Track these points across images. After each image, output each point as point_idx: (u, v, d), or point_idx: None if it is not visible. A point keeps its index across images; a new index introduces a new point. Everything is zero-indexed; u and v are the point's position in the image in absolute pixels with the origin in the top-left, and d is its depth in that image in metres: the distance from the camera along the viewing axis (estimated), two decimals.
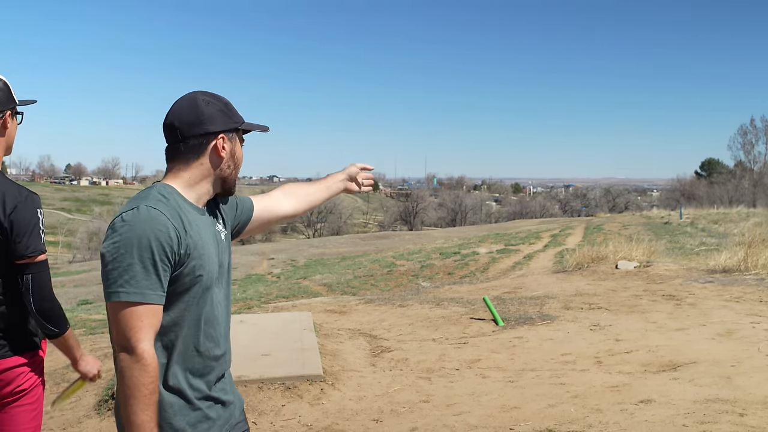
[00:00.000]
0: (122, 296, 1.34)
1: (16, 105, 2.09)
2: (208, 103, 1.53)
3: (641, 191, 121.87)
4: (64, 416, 4.15)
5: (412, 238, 29.83)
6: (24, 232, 1.97)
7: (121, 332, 1.34)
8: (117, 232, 1.37)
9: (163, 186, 1.50)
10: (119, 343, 1.34)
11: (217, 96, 1.57)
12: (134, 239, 1.35)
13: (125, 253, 1.34)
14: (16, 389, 2.01)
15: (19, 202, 1.98)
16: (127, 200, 1.51)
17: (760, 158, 58.89)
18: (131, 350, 1.33)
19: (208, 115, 1.51)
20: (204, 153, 1.52)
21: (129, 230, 1.36)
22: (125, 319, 1.33)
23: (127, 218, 1.38)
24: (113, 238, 1.37)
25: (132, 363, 1.32)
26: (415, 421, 3.83)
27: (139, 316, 1.34)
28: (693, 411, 3.63)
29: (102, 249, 1.38)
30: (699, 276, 8.67)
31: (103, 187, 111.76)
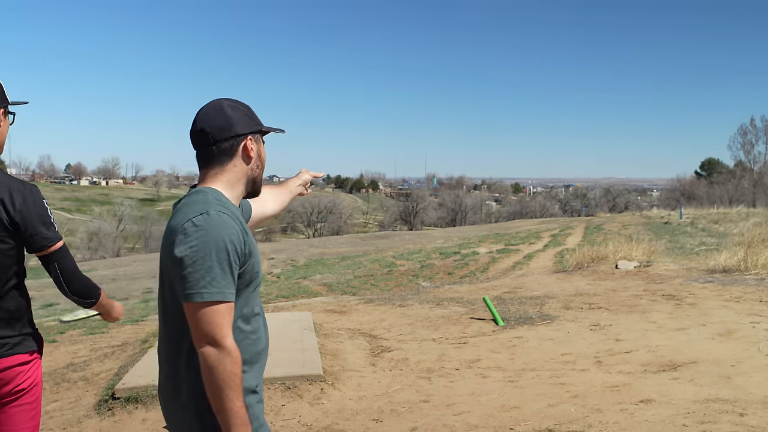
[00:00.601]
0: (206, 296, 1.43)
1: (9, 105, 2.10)
2: (233, 108, 1.63)
3: (641, 191, 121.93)
4: (64, 416, 4.15)
5: (412, 238, 29.83)
6: (38, 224, 2.00)
7: (205, 330, 1.43)
8: (192, 236, 1.46)
9: (213, 190, 1.59)
10: (205, 340, 1.43)
11: (239, 101, 1.68)
12: (211, 243, 1.45)
13: (204, 257, 1.44)
14: (15, 389, 2.01)
15: (25, 196, 2.00)
16: (179, 206, 1.58)
17: (760, 158, 58.85)
18: (220, 345, 1.43)
19: (236, 119, 1.62)
20: (236, 155, 1.62)
21: (205, 234, 1.45)
22: (209, 317, 1.43)
23: (199, 223, 1.47)
24: (190, 243, 1.45)
25: (223, 357, 1.42)
26: (415, 420, 3.83)
27: (222, 313, 1.44)
28: (693, 411, 3.63)
29: (178, 253, 1.45)
30: (699, 276, 8.67)
31: (103, 187, 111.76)
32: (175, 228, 1.50)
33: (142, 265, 23.78)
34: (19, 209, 1.97)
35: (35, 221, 1.99)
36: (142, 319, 7.57)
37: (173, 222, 1.52)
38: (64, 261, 2.06)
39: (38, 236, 1.99)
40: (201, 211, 1.49)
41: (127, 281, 18.72)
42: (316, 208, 72.48)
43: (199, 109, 1.64)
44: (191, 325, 1.45)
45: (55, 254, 2.04)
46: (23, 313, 2.06)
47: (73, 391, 4.61)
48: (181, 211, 1.53)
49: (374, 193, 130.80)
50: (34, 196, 2.01)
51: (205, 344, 1.43)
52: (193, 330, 1.45)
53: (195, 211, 1.49)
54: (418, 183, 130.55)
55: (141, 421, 3.97)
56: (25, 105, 2.17)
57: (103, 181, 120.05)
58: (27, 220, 1.98)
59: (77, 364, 5.28)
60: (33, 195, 2.01)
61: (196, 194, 1.57)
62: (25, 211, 1.98)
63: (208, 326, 1.43)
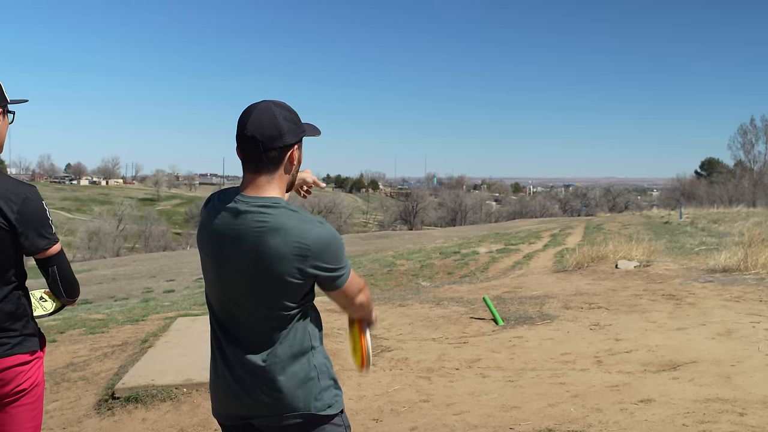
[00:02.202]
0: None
1: (8, 104, 2.10)
2: (285, 117, 1.68)
3: (641, 191, 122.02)
4: (64, 416, 4.15)
5: (412, 238, 29.84)
6: (39, 226, 2.00)
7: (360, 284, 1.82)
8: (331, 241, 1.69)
9: (282, 200, 1.69)
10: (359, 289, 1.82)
11: (288, 107, 1.72)
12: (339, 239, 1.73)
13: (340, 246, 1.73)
14: (16, 388, 2.01)
15: (25, 198, 1.99)
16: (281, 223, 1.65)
17: (760, 158, 58.88)
18: (365, 287, 1.85)
19: (286, 129, 1.67)
20: (282, 162, 1.69)
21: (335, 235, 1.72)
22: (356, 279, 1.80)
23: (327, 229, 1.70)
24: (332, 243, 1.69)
25: (368, 292, 1.87)
26: (415, 420, 3.83)
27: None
28: (693, 410, 3.63)
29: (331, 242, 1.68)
30: (699, 275, 8.67)
31: (103, 187, 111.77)
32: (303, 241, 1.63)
33: (141, 265, 23.79)
34: (18, 211, 1.96)
35: (34, 224, 1.99)
36: (142, 319, 7.56)
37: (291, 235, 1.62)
38: (62, 264, 2.08)
39: (36, 239, 1.99)
40: (314, 220, 1.67)
41: (127, 281, 18.72)
42: (316, 207, 72.51)
43: (248, 110, 1.67)
44: (349, 291, 1.77)
45: (54, 258, 2.05)
46: (23, 313, 2.06)
47: (73, 390, 4.61)
48: (290, 226, 1.63)
49: (374, 193, 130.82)
50: (32, 198, 2.00)
51: (360, 291, 1.82)
52: (353, 290, 1.78)
53: (311, 221, 1.66)
54: (418, 183, 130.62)
55: (141, 420, 3.97)
56: (25, 103, 2.17)
57: (103, 180, 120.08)
58: (25, 222, 1.97)
59: (77, 363, 5.28)
60: (32, 197, 2.00)
61: (281, 208, 1.66)
62: (24, 213, 1.97)
63: (359, 283, 1.81)
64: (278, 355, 1.69)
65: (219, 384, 1.78)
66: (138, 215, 73.39)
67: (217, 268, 1.72)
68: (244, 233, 1.64)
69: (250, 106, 1.70)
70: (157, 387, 4.23)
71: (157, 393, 4.18)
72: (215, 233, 1.69)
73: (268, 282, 1.64)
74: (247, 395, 1.72)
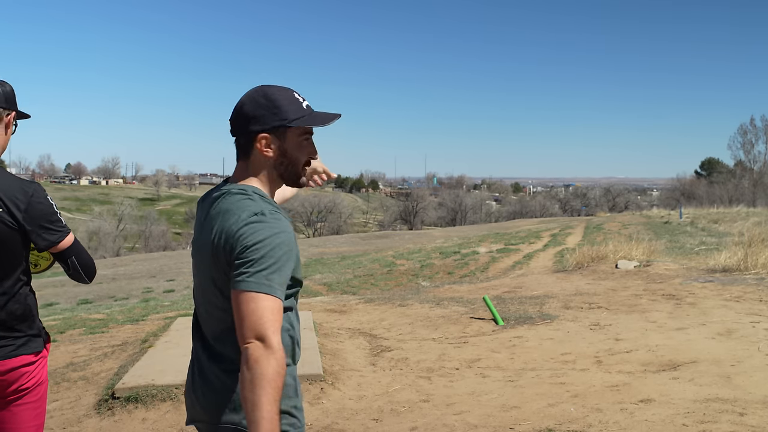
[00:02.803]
0: (262, 288, 1.40)
1: (17, 111, 2.13)
2: (256, 103, 1.56)
3: (641, 191, 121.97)
4: (64, 416, 4.15)
5: (412, 238, 29.83)
6: (46, 222, 2.02)
7: (255, 324, 1.37)
8: (259, 231, 1.45)
9: (253, 187, 1.57)
10: (253, 334, 1.36)
11: (270, 93, 1.57)
12: (277, 239, 1.46)
13: (272, 250, 1.45)
14: (20, 387, 2.02)
15: (31, 197, 2.01)
16: (225, 206, 1.53)
17: (760, 158, 58.88)
18: (268, 342, 1.35)
19: (253, 116, 1.56)
20: (251, 151, 1.58)
21: (272, 229, 1.47)
22: (261, 311, 1.37)
23: (265, 220, 1.48)
24: (257, 236, 1.45)
25: (269, 354, 1.34)
26: (415, 420, 3.83)
27: (273, 310, 1.38)
28: (693, 410, 3.63)
29: (246, 242, 1.43)
30: (699, 275, 8.67)
31: (103, 187, 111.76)
32: (229, 231, 1.46)
33: (141, 265, 23.78)
34: (25, 210, 1.98)
35: (42, 219, 2.01)
36: (142, 318, 7.56)
37: (225, 225, 1.47)
38: (81, 254, 2.10)
39: (47, 234, 2.02)
40: (256, 211, 1.47)
41: (127, 280, 18.72)
42: (316, 207, 72.50)
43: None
44: (238, 317, 1.38)
45: (70, 249, 2.08)
46: (30, 313, 2.07)
47: (73, 390, 4.61)
48: (230, 213, 1.49)
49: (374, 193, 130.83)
50: (37, 195, 2.03)
51: (251, 338, 1.34)
52: (240, 323, 1.38)
53: (250, 212, 1.47)
54: (418, 182, 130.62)
55: (141, 420, 3.97)
56: (25, 103, 2.19)
57: (103, 180, 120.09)
58: (34, 219, 2.00)
59: (77, 363, 5.28)
60: (37, 194, 2.03)
61: (237, 194, 1.54)
62: (31, 211, 1.99)
63: (258, 320, 1.35)
64: (234, 360, 1.48)
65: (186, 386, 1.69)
66: (138, 215, 73.39)
67: (195, 260, 1.63)
68: (207, 220, 1.56)
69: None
70: (157, 387, 4.23)
71: (157, 393, 4.18)
72: (196, 223, 1.65)
73: (216, 273, 1.51)
74: (196, 398, 1.60)
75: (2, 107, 2.04)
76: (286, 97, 1.58)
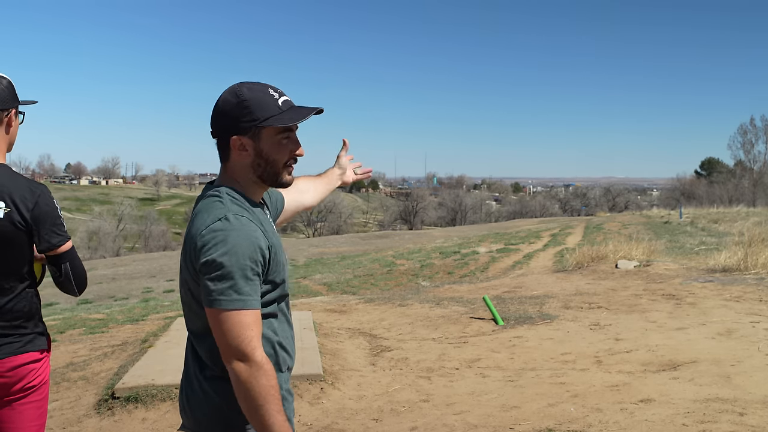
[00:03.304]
0: (227, 304, 1.37)
1: (19, 104, 2.12)
2: (225, 104, 1.51)
3: (641, 190, 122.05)
4: (64, 415, 4.15)
5: (412, 238, 29.82)
6: (51, 224, 2.04)
7: (233, 343, 1.34)
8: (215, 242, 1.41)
9: (227, 189, 1.52)
10: (233, 355, 1.34)
11: (241, 93, 1.51)
12: (236, 248, 1.41)
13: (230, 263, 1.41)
14: (25, 386, 2.04)
15: (39, 197, 2.03)
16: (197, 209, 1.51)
17: (759, 157, 58.92)
18: (250, 359, 1.34)
19: (225, 117, 1.51)
20: (230, 151, 1.53)
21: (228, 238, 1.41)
22: (236, 328, 1.34)
23: (220, 227, 1.43)
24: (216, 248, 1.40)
25: (255, 371, 1.33)
26: (414, 420, 3.83)
27: (248, 324, 1.35)
28: (693, 410, 3.63)
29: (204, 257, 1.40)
30: (699, 275, 8.67)
31: (103, 187, 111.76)
32: (194, 234, 1.43)
33: (141, 265, 23.78)
34: (32, 210, 2.01)
35: (47, 221, 2.03)
36: (142, 318, 7.57)
37: (192, 228, 1.46)
38: (75, 261, 2.10)
39: (50, 236, 2.03)
40: (219, 216, 1.42)
41: (127, 280, 18.72)
42: (316, 207, 72.41)
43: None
44: (216, 336, 1.36)
45: (66, 254, 2.08)
46: (35, 312, 2.10)
47: (73, 390, 4.61)
48: (199, 216, 1.46)
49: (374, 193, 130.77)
50: (45, 196, 2.05)
51: (233, 359, 1.33)
52: (220, 342, 1.36)
53: (214, 216, 1.42)
54: (418, 182, 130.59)
55: (141, 420, 3.97)
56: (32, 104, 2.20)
57: (103, 180, 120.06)
58: (38, 220, 2.02)
59: (77, 363, 5.28)
60: (44, 195, 2.05)
61: (210, 197, 1.51)
62: (37, 212, 2.01)
63: (236, 339, 1.32)
64: (212, 368, 1.46)
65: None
66: (138, 215, 73.39)
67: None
68: (190, 220, 1.53)
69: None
70: (157, 387, 4.23)
71: (157, 393, 4.18)
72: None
73: (187, 274, 1.48)
74: (183, 403, 1.56)
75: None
76: (257, 96, 1.51)
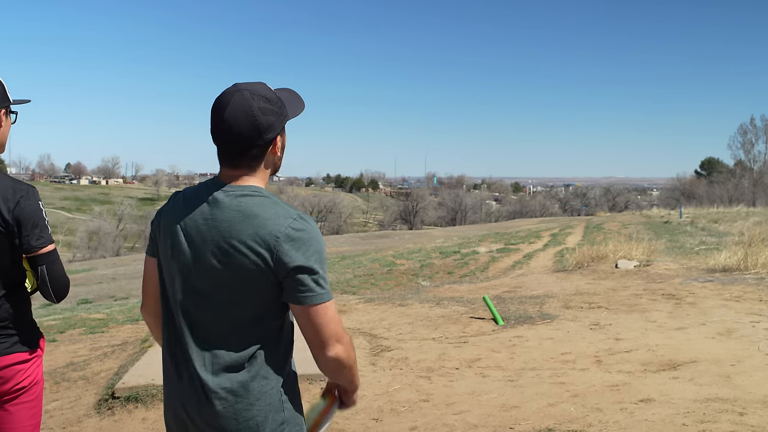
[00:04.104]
0: (327, 297, 1.51)
1: (11, 104, 2.10)
2: (264, 110, 1.49)
3: (641, 190, 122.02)
4: (64, 415, 4.15)
5: (412, 237, 29.83)
6: (32, 225, 2.00)
7: (336, 329, 1.51)
8: (306, 241, 1.49)
9: (262, 188, 1.54)
10: (335, 338, 1.51)
11: (268, 96, 1.52)
12: (320, 246, 1.53)
13: (322, 260, 1.53)
14: (14, 387, 2.02)
15: (21, 197, 1.99)
16: (244, 208, 1.49)
17: (760, 157, 58.92)
18: (346, 340, 1.53)
19: (267, 124, 1.49)
20: (264, 158, 1.54)
21: (315, 236, 1.52)
22: (334, 316, 1.51)
23: (304, 227, 1.51)
24: (307, 248, 1.49)
25: (351, 348, 1.55)
26: (414, 420, 3.83)
27: (336, 311, 1.54)
28: (693, 410, 3.63)
29: (301, 259, 1.46)
30: (699, 275, 8.67)
31: (103, 186, 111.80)
32: (271, 232, 1.45)
33: (141, 265, 23.70)
34: (12, 210, 1.97)
35: (28, 222, 1.99)
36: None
37: (263, 227, 1.45)
38: (54, 265, 2.04)
39: (30, 237, 1.99)
40: (293, 215, 1.48)
41: (127, 280, 18.73)
42: (316, 207, 72.53)
43: (222, 103, 1.49)
44: (315, 329, 1.47)
45: (44, 257, 2.02)
46: (23, 312, 2.07)
47: (73, 390, 4.61)
48: (260, 216, 1.46)
49: (374, 193, 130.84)
50: (30, 197, 2.01)
51: (335, 342, 1.49)
52: (320, 332, 1.48)
53: (287, 215, 1.47)
54: (418, 182, 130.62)
55: (141, 420, 3.97)
56: (26, 104, 2.17)
57: (103, 180, 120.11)
58: (19, 221, 1.98)
59: (77, 363, 5.28)
60: (29, 196, 2.01)
61: (258, 196, 1.50)
62: (20, 212, 1.98)
63: (337, 325, 1.49)
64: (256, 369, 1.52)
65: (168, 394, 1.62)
66: (138, 215, 73.39)
67: (183, 263, 1.53)
68: (216, 223, 1.48)
69: (223, 95, 1.50)
70: (157, 386, 4.23)
71: (157, 392, 4.18)
72: (185, 226, 1.53)
73: (234, 277, 1.47)
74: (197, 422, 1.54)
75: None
76: (275, 94, 1.56)
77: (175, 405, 1.58)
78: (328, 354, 1.49)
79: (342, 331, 1.51)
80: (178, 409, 1.57)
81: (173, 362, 1.57)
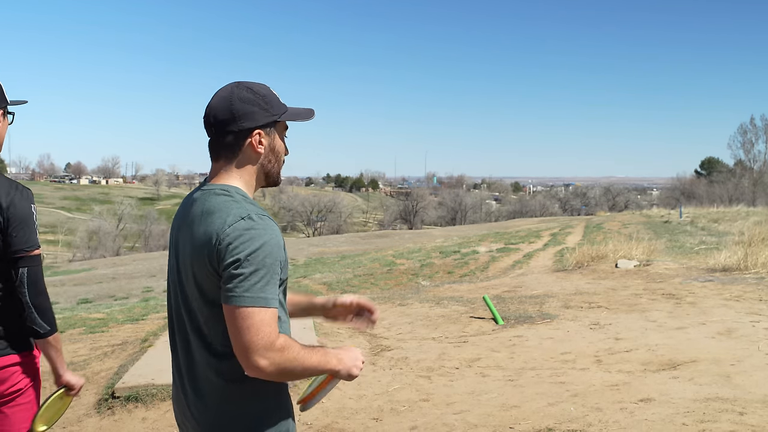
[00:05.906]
0: (257, 302, 1.40)
1: (8, 105, 2.10)
2: (243, 99, 1.50)
3: (641, 190, 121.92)
4: (64, 415, 4.15)
5: (412, 237, 29.84)
6: (21, 226, 1.98)
7: (256, 338, 1.39)
8: (249, 239, 1.41)
9: (236, 188, 1.51)
10: (256, 348, 1.40)
11: (255, 88, 1.53)
12: (267, 247, 1.42)
13: (264, 260, 1.42)
14: (10, 388, 2.01)
15: (14, 197, 1.99)
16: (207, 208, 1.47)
17: (759, 157, 58.97)
18: (276, 348, 1.40)
19: (243, 112, 1.49)
20: (240, 150, 1.52)
21: (260, 236, 1.41)
22: (260, 324, 1.39)
23: (251, 226, 1.42)
24: (247, 246, 1.40)
25: (280, 355, 1.40)
26: (414, 419, 3.83)
27: (270, 322, 1.40)
28: (693, 410, 3.63)
29: (236, 255, 1.39)
30: (699, 275, 8.67)
31: (103, 186, 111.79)
32: (216, 232, 1.40)
33: (141, 264, 23.79)
34: (5, 209, 1.97)
35: (16, 223, 1.97)
36: (142, 318, 7.57)
37: (210, 227, 1.42)
38: (35, 269, 2.00)
39: (18, 238, 1.97)
40: (242, 215, 1.41)
41: (127, 280, 18.74)
42: (316, 207, 72.53)
43: (216, 92, 1.54)
44: (233, 333, 1.38)
45: (28, 259, 1.98)
46: (15, 314, 2.05)
47: None
48: (217, 215, 1.43)
49: (374, 192, 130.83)
50: (21, 198, 2.00)
51: (254, 355, 1.37)
52: (238, 338, 1.38)
53: (236, 215, 1.41)
54: (418, 182, 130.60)
55: (141, 420, 3.97)
56: (24, 104, 2.17)
57: (103, 180, 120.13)
58: (9, 221, 1.97)
59: (77, 362, 5.27)
60: (23, 197, 2.01)
61: (223, 195, 1.47)
62: (11, 211, 1.97)
63: (261, 337, 1.36)
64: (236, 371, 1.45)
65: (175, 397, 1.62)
66: (138, 214, 73.34)
67: (174, 262, 1.56)
68: (189, 220, 1.49)
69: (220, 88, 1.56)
70: (157, 386, 4.23)
71: (157, 392, 4.18)
72: (175, 224, 1.58)
73: (199, 274, 1.45)
74: (190, 414, 1.53)
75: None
76: (268, 92, 1.55)
77: (176, 405, 1.61)
78: (246, 366, 1.38)
79: (266, 345, 1.36)
80: (177, 411, 1.61)
81: (176, 366, 1.58)
